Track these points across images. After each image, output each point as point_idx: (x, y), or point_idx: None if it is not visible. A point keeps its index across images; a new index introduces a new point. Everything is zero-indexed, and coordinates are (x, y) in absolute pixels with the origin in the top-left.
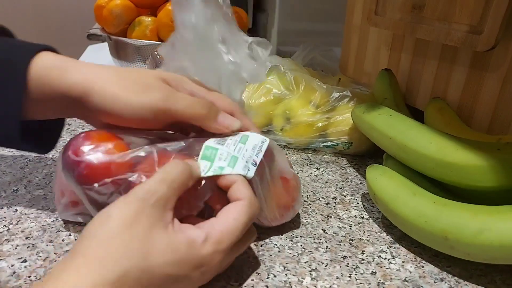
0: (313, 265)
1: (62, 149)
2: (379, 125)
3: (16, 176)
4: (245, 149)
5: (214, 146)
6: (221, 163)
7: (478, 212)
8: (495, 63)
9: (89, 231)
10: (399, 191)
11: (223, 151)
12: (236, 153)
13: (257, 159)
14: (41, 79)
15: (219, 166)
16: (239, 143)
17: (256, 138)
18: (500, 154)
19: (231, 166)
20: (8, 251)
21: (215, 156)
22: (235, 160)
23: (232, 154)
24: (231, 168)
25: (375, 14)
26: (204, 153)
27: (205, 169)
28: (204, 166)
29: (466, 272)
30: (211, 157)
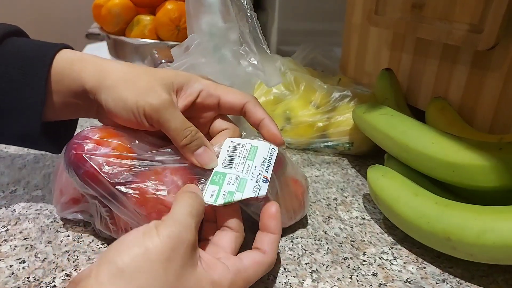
0: (314, 266)
1: (65, 147)
2: (380, 125)
3: (14, 177)
4: (253, 166)
5: (222, 171)
6: (230, 187)
7: (480, 212)
8: (496, 62)
9: (123, 261)
10: (401, 192)
11: (231, 175)
12: (244, 174)
13: (268, 174)
14: (63, 72)
15: (228, 190)
16: (247, 161)
17: (265, 148)
18: (502, 154)
19: (241, 190)
20: (7, 252)
21: (223, 181)
22: (244, 183)
23: (241, 177)
24: (241, 193)
25: (375, 14)
26: (212, 179)
27: (214, 195)
28: (213, 191)
29: (468, 273)
30: (219, 182)
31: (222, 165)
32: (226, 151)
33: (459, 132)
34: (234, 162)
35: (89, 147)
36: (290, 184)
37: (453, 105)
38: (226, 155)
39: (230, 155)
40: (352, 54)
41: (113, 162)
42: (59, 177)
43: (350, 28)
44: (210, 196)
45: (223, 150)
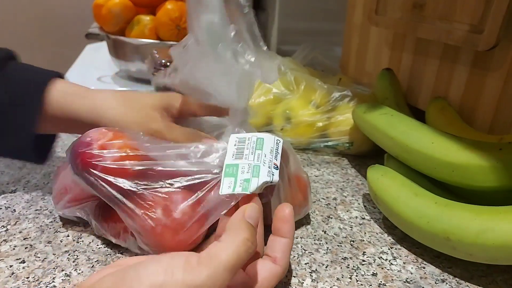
0: (314, 266)
1: (71, 145)
2: (380, 125)
3: (14, 176)
4: (263, 154)
5: (234, 163)
6: (245, 176)
7: (480, 212)
8: (497, 62)
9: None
10: (400, 192)
11: (243, 164)
12: (256, 161)
13: (277, 161)
14: (57, 102)
15: (244, 178)
16: (256, 151)
17: (270, 139)
18: (502, 154)
19: (256, 175)
20: (6, 251)
21: (237, 171)
22: (257, 169)
23: (254, 164)
24: (257, 178)
25: (376, 14)
26: (226, 172)
27: (231, 185)
28: (229, 183)
29: (467, 273)
30: (233, 173)
31: (232, 157)
32: (233, 145)
33: (459, 132)
34: (243, 153)
35: (96, 152)
36: (294, 178)
37: (453, 105)
38: (234, 149)
39: (238, 148)
40: (352, 53)
41: (121, 163)
42: (65, 175)
43: (351, 27)
44: (228, 187)
45: (230, 145)
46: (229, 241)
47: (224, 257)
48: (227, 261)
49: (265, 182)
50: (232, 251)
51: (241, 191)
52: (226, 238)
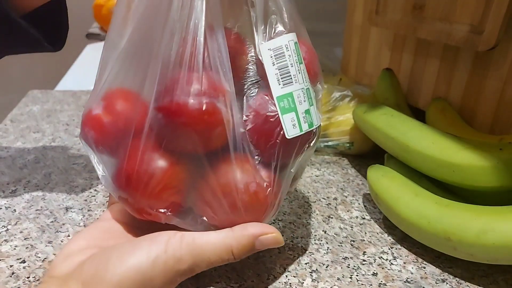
0: (314, 266)
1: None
2: (381, 125)
3: (15, 176)
4: (303, 67)
5: (286, 93)
6: (304, 106)
7: (480, 212)
8: (497, 63)
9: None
10: (401, 192)
11: (297, 91)
12: (305, 81)
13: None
14: None
15: (304, 110)
16: (300, 65)
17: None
18: (502, 154)
19: (311, 102)
20: (7, 251)
21: (295, 103)
22: (309, 92)
23: (306, 87)
24: (314, 106)
25: (376, 14)
26: (281, 108)
27: (295, 123)
28: (292, 120)
29: (468, 273)
30: (291, 106)
31: (279, 85)
32: (271, 64)
33: (459, 132)
34: (291, 73)
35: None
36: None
37: (454, 106)
38: (275, 69)
39: (281, 67)
40: (352, 54)
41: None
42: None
43: (351, 28)
44: (293, 127)
45: (267, 64)
46: (222, 241)
47: (208, 255)
48: (209, 259)
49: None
50: (219, 252)
51: (308, 128)
52: (222, 237)
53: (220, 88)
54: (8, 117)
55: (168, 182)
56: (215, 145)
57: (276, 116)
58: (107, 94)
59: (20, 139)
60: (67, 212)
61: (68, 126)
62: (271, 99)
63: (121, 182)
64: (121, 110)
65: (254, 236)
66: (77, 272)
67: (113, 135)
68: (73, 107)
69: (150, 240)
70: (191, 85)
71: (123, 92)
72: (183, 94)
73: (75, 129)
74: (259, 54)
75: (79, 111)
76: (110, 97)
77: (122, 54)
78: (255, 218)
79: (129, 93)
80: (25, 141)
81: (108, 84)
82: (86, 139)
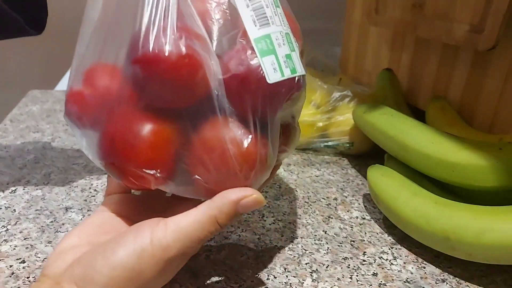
0: (314, 266)
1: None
2: (380, 125)
3: (14, 176)
4: (280, 11)
5: (264, 34)
6: (284, 50)
7: (479, 212)
8: (496, 62)
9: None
10: (400, 192)
11: (275, 33)
12: (285, 27)
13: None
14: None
15: (285, 54)
16: (276, 8)
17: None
18: (502, 154)
19: (292, 48)
20: (7, 252)
21: (273, 45)
22: (289, 37)
23: (285, 32)
24: (295, 52)
25: (375, 13)
26: (260, 49)
27: (276, 67)
28: (272, 63)
29: (467, 273)
30: (269, 48)
31: (256, 26)
32: (245, 6)
33: (459, 132)
34: (267, 15)
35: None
36: None
37: (453, 105)
38: (249, 11)
39: (255, 8)
40: (352, 53)
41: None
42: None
43: (350, 27)
44: (273, 71)
45: (240, 6)
46: (205, 214)
47: (196, 234)
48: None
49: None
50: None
51: (291, 74)
52: (203, 210)
53: (195, 33)
54: (8, 117)
55: (154, 141)
56: (199, 94)
57: (255, 58)
58: (86, 70)
59: (19, 139)
60: (66, 212)
61: (68, 126)
62: (248, 43)
63: (106, 146)
64: (100, 82)
65: (234, 202)
66: (69, 273)
67: (95, 105)
68: None
69: (135, 233)
70: (166, 31)
71: (102, 66)
72: (159, 41)
73: None
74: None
75: None
76: (89, 72)
77: (96, 29)
78: (247, 173)
79: (107, 66)
80: (25, 141)
81: (86, 60)
82: (70, 115)
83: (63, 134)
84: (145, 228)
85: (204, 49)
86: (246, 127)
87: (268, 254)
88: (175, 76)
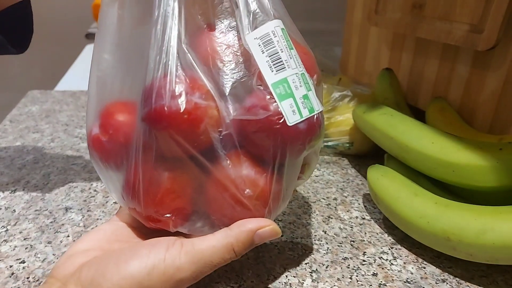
0: (314, 266)
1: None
2: (380, 125)
3: (14, 177)
4: (294, 53)
5: (281, 79)
6: (301, 91)
7: (480, 212)
8: (496, 62)
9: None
10: (401, 192)
11: (292, 76)
12: (299, 66)
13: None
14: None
15: (302, 95)
16: (291, 50)
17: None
18: (502, 154)
19: (309, 88)
20: (6, 252)
21: (291, 88)
22: (304, 77)
23: (300, 72)
24: (312, 91)
25: (376, 13)
26: (278, 94)
27: (295, 109)
28: (291, 106)
29: (468, 273)
30: (288, 92)
31: (272, 72)
32: (261, 52)
33: (459, 132)
34: (282, 59)
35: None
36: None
37: (453, 105)
38: (265, 57)
39: (271, 54)
40: (352, 53)
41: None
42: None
43: (350, 27)
44: (292, 113)
45: (255, 53)
46: (222, 241)
47: (210, 259)
48: (211, 262)
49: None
50: (220, 254)
51: (309, 114)
52: (221, 237)
53: (197, 85)
54: (7, 118)
55: (170, 188)
56: (206, 141)
57: (274, 103)
58: (103, 110)
59: (19, 139)
60: (66, 213)
61: (67, 126)
62: (266, 88)
63: (128, 193)
64: (117, 126)
65: (251, 231)
66: (76, 276)
67: (114, 152)
68: (72, 107)
69: (150, 247)
70: (166, 88)
71: (118, 106)
72: (159, 99)
73: (74, 130)
74: (247, 46)
75: (78, 111)
76: (105, 114)
77: (113, 66)
78: (260, 210)
79: (125, 106)
80: (24, 142)
81: (101, 98)
82: (93, 158)
83: (62, 135)
84: (161, 245)
85: (206, 98)
86: (260, 165)
87: (268, 254)
88: (177, 131)
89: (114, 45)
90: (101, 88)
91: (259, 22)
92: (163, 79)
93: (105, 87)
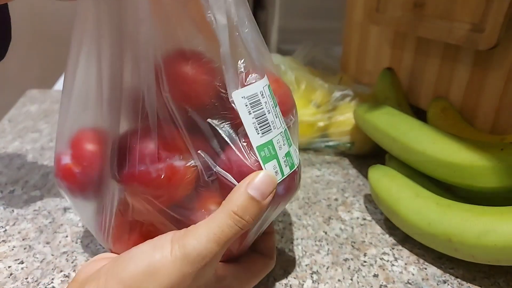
0: (314, 268)
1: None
2: (382, 125)
3: (12, 177)
4: (278, 110)
5: (266, 141)
6: (284, 149)
7: (482, 213)
8: (498, 61)
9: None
10: (402, 192)
11: (277, 137)
12: (282, 124)
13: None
14: None
15: (284, 153)
16: (276, 108)
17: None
18: (504, 154)
19: (289, 143)
20: (5, 252)
21: (275, 150)
22: (287, 133)
23: (283, 130)
24: (295, 146)
25: (376, 12)
26: (262, 157)
27: (277, 169)
28: (274, 167)
29: (469, 274)
30: (272, 153)
31: (258, 134)
32: (247, 113)
33: (460, 132)
34: (269, 121)
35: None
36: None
37: (454, 105)
38: (252, 118)
39: (258, 116)
40: (352, 52)
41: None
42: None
43: (351, 26)
44: (275, 174)
45: (242, 113)
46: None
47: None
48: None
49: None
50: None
51: (290, 171)
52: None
53: (179, 146)
54: (6, 117)
55: (140, 237)
56: (181, 197)
57: (257, 165)
58: (74, 138)
59: (17, 139)
60: (65, 213)
61: None
62: (250, 148)
63: (99, 231)
64: (92, 159)
65: (244, 187)
66: (95, 275)
67: (86, 185)
68: None
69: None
70: (145, 151)
71: (90, 134)
72: (136, 162)
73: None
74: (233, 103)
75: None
76: (78, 143)
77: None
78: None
79: (96, 134)
80: (23, 141)
81: (71, 125)
82: (61, 187)
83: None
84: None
85: (186, 158)
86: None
87: None
88: (154, 196)
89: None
90: (74, 109)
91: (246, 80)
92: (141, 138)
93: (79, 107)
